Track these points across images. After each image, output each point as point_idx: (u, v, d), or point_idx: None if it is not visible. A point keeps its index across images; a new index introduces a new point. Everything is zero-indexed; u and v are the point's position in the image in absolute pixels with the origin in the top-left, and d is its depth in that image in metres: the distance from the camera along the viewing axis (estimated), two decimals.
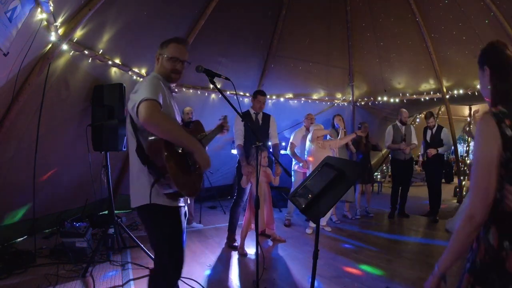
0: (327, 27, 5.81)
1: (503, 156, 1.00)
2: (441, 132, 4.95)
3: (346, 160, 3.88)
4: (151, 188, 1.55)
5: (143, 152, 1.55)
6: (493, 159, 1.01)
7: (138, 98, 1.49)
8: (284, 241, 3.85)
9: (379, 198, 6.98)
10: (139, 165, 1.59)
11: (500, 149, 0.99)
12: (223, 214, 5.22)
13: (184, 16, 4.54)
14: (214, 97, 5.68)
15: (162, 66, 1.75)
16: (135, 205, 1.65)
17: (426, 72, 5.75)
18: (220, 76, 1.87)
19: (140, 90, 1.54)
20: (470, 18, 4.66)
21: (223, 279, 2.82)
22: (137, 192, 1.63)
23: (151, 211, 1.60)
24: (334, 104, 6.82)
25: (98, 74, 3.64)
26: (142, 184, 1.59)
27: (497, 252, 1.04)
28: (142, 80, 1.69)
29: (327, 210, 1.55)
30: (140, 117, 1.46)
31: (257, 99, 3.66)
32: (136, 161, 1.60)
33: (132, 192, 1.67)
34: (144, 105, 1.46)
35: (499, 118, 1.01)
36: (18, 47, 2.36)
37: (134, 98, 1.55)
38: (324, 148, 4.21)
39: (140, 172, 1.60)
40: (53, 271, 2.72)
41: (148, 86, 1.56)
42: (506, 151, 0.98)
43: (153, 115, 1.46)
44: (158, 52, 1.78)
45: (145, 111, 1.45)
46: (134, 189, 1.65)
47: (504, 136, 0.99)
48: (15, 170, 3.07)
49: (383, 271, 3.00)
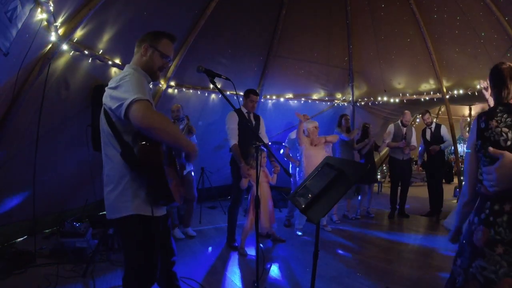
0: (327, 27, 5.81)
1: (476, 144, 1.30)
2: (440, 129, 5.03)
3: (346, 160, 3.88)
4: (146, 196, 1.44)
5: (133, 156, 1.37)
6: (472, 147, 1.32)
7: (124, 97, 1.33)
8: (284, 241, 3.85)
9: (379, 198, 6.98)
10: (122, 171, 1.42)
11: (475, 139, 1.31)
12: (223, 214, 5.22)
13: (184, 16, 4.54)
14: (214, 97, 5.68)
15: (150, 60, 1.56)
16: (114, 215, 1.46)
17: (426, 72, 5.75)
18: (221, 76, 1.86)
19: (125, 88, 1.37)
20: (470, 18, 4.66)
21: (223, 279, 2.82)
22: (117, 201, 1.44)
23: (134, 222, 1.44)
24: (334, 104, 6.82)
25: (98, 74, 3.64)
26: (124, 192, 1.43)
27: (470, 225, 1.29)
28: (122, 73, 1.48)
29: (327, 211, 1.55)
30: (136, 120, 1.31)
31: (250, 98, 3.58)
32: (118, 167, 1.43)
33: (109, 201, 1.47)
34: (138, 107, 1.30)
35: (479, 116, 1.32)
36: (18, 47, 2.36)
37: (117, 95, 1.36)
38: (318, 145, 4.16)
39: (122, 179, 1.43)
40: (53, 271, 2.72)
41: (135, 83, 1.38)
42: (478, 139, 1.30)
43: (153, 118, 1.33)
44: (148, 43, 1.56)
45: (142, 114, 1.30)
46: (112, 198, 1.46)
47: (479, 129, 1.29)
48: (15, 170, 3.07)
49: (383, 271, 3.00)
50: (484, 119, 1.27)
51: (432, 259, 3.30)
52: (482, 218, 1.21)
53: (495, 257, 1.12)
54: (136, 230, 1.46)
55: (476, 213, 1.27)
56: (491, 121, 1.25)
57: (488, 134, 1.24)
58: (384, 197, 6.76)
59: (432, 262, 3.22)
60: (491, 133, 1.23)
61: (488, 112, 1.30)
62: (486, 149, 1.21)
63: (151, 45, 1.56)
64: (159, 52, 1.57)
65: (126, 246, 1.55)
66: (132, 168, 1.40)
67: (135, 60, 1.59)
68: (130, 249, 1.52)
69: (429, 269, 3.04)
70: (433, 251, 3.58)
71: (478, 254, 1.18)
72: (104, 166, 1.51)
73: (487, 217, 1.19)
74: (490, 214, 1.19)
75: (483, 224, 1.20)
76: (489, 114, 1.28)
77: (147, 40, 1.57)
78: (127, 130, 1.42)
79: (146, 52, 1.56)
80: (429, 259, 3.29)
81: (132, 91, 1.34)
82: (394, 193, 5.24)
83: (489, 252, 1.14)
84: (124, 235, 1.54)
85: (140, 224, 1.46)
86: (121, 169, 1.43)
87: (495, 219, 1.16)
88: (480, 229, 1.21)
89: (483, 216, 1.21)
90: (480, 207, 1.25)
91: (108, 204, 1.49)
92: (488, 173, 1.08)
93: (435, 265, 3.14)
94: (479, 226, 1.21)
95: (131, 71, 1.48)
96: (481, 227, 1.20)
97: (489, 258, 1.14)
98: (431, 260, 3.26)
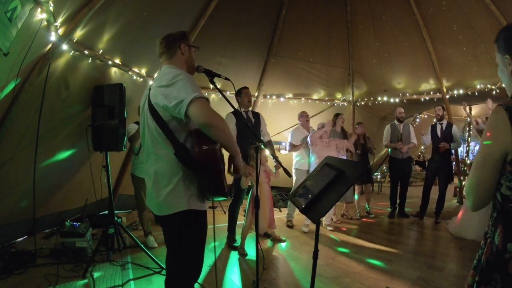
0: (327, 27, 5.81)
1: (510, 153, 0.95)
2: (451, 128, 4.82)
3: (346, 160, 3.89)
4: (202, 194, 1.51)
5: (189, 156, 1.43)
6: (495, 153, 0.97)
7: (183, 95, 1.36)
8: (284, 241, 3.85)
9: (379, 198, 6.98)
10: (174, 169, 1.47)
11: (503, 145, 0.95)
12: (223, 214, 5.22)
13: (184, 16, 4.54)
14: (214, 97, 5.68)
15: (190, 57, 1.65)
16: (167, 212, 1.51)
17: (426, 72, 5.75)
18: (220, 76, 1.86)
19: (181, 85, 1.40)
20: (470, 18, 4.66)
21: (223, 279, 2.82)
22: (169, 197, 1.48)
23: (189, 217, 1.50)
24: (334, 104, 6.82)
25: (98, 74, 3.64)
26: (177, 189, 1.47)
27: (501, 253, 1.01)
28: (170, 71, 1.50)
29: (327, 210, 1.55)
30: (199, 117, 1.35)
31: (245, 92, 3.53)
32: (169, 165, 1.47)
33: (160, 198, 1.50)
34: (199, 104, 1.35)
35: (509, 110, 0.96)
36: (18, 47, 2.36)
37: (171, 94, 1.39)
38: (329, 147, 4.20)
39: (175, 176, 1.47)
40: (53, 271, 2.71)
41: (189, 82, 1.42)
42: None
43: (214, 116, 1.38)
44: (184, 43, 1.62)
45: (205, 111, 1.35)
46: (164, 195, 1.49)
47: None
48: (15, 170, 3.07)
49: (383, 271, 3.00)
50: None
51: (432, 259, 3.30)
52: None
53: None
54: (192, 225, 1.53)
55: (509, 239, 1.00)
56: None
57: None
58: (384, 197, 6.76)
59: (432, 262, 3.22)
60: None
61: None
62: None
63: (186, 44, 1.63)
64: (193, 48, 1.67)
65: (180, 242, 1.58)
66: (188, 167, 1.45)
67: (176, 60, 1.62)
68: (185, 245, 1.56)
69: (429, 269, 3.04)
70: (433, 251, 3.58)
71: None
72: (152, 164, 1.53)
73: None
74: None
75: None
76: None
77: (180, 40, 1.63)
78: (180, 129, 1.46)
79: (184, 52, 1.63)
80: (429, 259, 3.29)
81: (190, 88, 1.38)
82: (394, 193, 5.24)
83: None
84: (178, 231, 1.56)
85: (195, 219, 1.53)
86: (174, 168, 1.47)
87: None
88: None
89: None
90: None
91: (159, 202, 1.51)
92: None
93: (435, 265, 3.14)
94: None
95: (179, 72, 1.50)
96: None
97: None
98: (431, 260, 3.26)
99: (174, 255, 1.60)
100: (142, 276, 2.78)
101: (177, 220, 1.50)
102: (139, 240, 3.18)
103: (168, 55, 1.63)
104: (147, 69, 4.47)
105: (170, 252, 1.61)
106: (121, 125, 3.21)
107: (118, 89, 3.34)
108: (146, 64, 4.40)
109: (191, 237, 1.55)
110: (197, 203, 1.51)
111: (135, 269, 2.92)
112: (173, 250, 1.59)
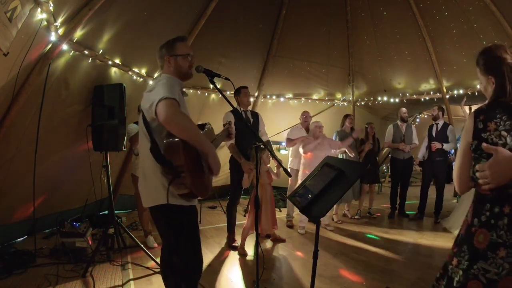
0: (327, 27, 5.81)
1: (472, 144, 1.23)
2: (447, 128, 4.77)
3: (346, 160, 3.88)
4: (168, 188, 1.56)
5: (159, 151, 1.55)
6: (467, 145, 1.25)
7: (155, 97, 1.49)
8: (284, 241, 3.85)
9: (380, 198, 6.97)
10: (152, 165, 1.59)
11: (471, 138, 1.23)
12: (223, 214, 5.21)
13: (184, 16, 4.54)
14: (214, 97, 5.68)
15: (178, 66, 1.74)
16: (150, 204, 1.66)
17: (426, 72, 5.75)
18: (220, 76, 1.87)
19: (157, 89, 1.54)
20: (470, 18, 4.66)
21: (223, 279, 2.82)
22: (150, 191, 1.64)
23: (168, 212, 1.61)
24: (334, 104, 6.82)
25: (98, 74, 3.64)
26: (156, 183, 1.59)
27: (469, 227, 1.23)
28: (157, 80, 1.72)
29: (327, 210, 1.55)
30: (160, 115, 1.46)
31: (244, 92, 3.52)
32: (149, 160, 1.60)
33: (144, 191, 1.68)
34: (163, 103, 1.46)
35: (477, 114, 1.24)
36: (18, 47, 2.36)
37: (150, 97, 1.54)
38: (323, 145, 4.15)
39: (153, 171, 1.60)
40: (53, 271, 2.72)
41: (165, 85, 1.56)
42: (474, 139, 1.22)
43: (174, 114, 1.46)
44: (168, 55, 1.75)
45: (165, 109, 1.45)
46: (147, 188, 1.66)
47: (476, 128, 1.22)
48: (15, 170, 3.07)
49: (383, 271, 3.00)
50: (482, 119, 1.21)
51: (432, 259, 3.30)
52: (483, 220, 1.18)
53: (497, 260, 1.10)
54: (175, 220, 1.65)
55: (475, 214, 1.21)
56: (490, 123, 1.19)
57: (485, 136, 1.19)
58: (384, 197, 6.76)
59: (432, 262, 3.22)
60: (489, 135, 1.19)
61: (486, 112, 1.22)
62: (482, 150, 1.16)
63: (171, 55, 1.74)
64: (180, 56, 1.75)
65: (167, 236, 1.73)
66: (158, 162, 1.55)
67: (165, 70, 1.78)
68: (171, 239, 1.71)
69: (429, 269, 3.03)
70: (433, 251, 3.58)
71: (480, 257, 1.15)
72: (143, 160, 1.70)
73: (487, 219, 1.16)
74: (490, 217, 1.15)
75: (484, 227, 1.16)
76: (487, 115, 1.21)
77: (165, 52, 1.75)
78: (160, 129, 1.58)
79: (170, 62, 1.75)
80: (429, 259, 3.29)
81: (162, 91, 1.51)
82: (394, 193, 5.24)
83: (491, 255, 1.12)
84: (163, 225, 1.72)
85: (178, 214, 1.63)
86: (151, 163, 1.59)
87: (496, 222, 1.13)
88: (481, 232, 1.17)
89: (483, 219, 1.17)
90: (479, 208, 1.21)
91: (145, 193, 1.69)
92: (482, 170, 1.07)
93: (435, 265, 3.13)
94: (480, 228, 1.18)
95: (164, 77, 1.69)
96: (482, 229, 1.17)
97: (491, 261, 1.11)
98: (431, 260, 3.26)
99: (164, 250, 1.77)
100: (142, 276, 2.78)
101: (159, 213, 1.65)
102: (139, 240, 3.18)
103: (161, 66, 1.82)
104: (147, 69, 4.47)
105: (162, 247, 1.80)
106: (121, 125, 3.22)
107: (118, 89, 3.35)
108: (146, 64, 4.40)
109: (176, 231, 1.67)
110: (177, 199, 1.59)
111: (135, 269, 2.92)
112: (163, 244, 1.78)
